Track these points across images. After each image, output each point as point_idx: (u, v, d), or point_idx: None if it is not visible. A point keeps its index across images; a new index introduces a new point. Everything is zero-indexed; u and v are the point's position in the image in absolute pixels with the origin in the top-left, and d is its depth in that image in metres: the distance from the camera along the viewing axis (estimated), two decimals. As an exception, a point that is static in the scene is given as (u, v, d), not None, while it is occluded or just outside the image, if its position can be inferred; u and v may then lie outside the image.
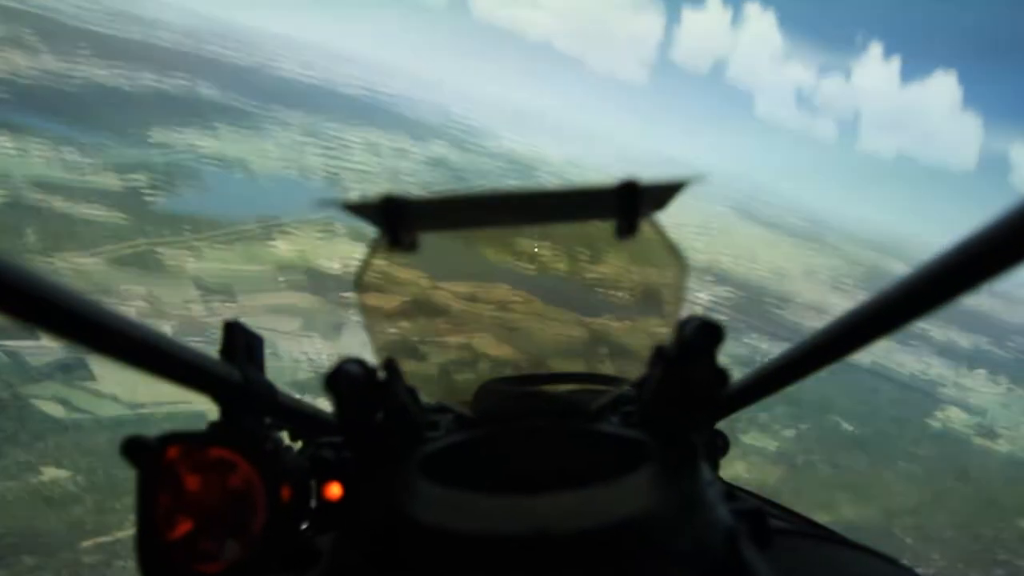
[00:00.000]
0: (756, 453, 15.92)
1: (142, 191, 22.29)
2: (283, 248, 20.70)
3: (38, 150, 22.36)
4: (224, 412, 0.63)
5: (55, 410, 10.67)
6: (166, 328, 14.12)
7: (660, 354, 0.60)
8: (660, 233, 0.58)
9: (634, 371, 0.73)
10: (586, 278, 0.82)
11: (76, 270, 15.03)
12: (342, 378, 0.55)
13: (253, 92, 47.51)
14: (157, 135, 28.98)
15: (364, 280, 0.61)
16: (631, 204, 0.55)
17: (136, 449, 0.58)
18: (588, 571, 0.49)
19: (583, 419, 0.71)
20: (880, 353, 31.98)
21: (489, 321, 0.85)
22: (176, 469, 0.59)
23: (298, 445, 0.76)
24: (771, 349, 26.60)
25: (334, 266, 19.72)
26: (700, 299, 31.25)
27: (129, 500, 0.57)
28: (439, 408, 0.75)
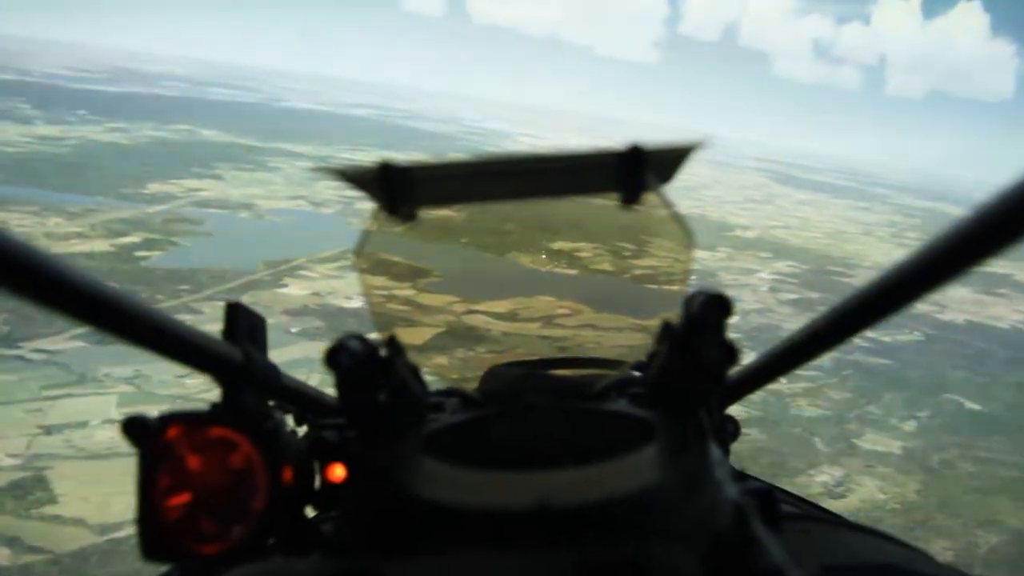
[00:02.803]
0: (883, 461, 13.16)
1: (135, 251, 20.34)
2: (295, 292, 18.51)
3: (18, 222, 20.46)
4: (226, 392, 0.59)
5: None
6: (153, 413, 12.01)
7: (667, 329, 0.60)
8: (667, 204, 0.57)
9: (641, 348, 0.73)
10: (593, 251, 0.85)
11: (50, 359, 12.96)
12: (343, 354, 0.52)
13: (258, 129, 45.79)
14: (154, 188, 27.19)
15: (364, 252, 0.60)
16: (636, 169, 0.54)
17: (137, 429, 0.56)
18: (589, 545, 0.47)
19: (588, 399, 0.70)
20: (971, 308, 29.17)
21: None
22: (177, 448, 0.57)
23: (303, 431, 0.73)
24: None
25: (352, 305, 17.44)
26: (762, 278, 28.86)
27: None
28: (447, 392, 0.73)
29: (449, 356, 0.86)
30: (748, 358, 0.65)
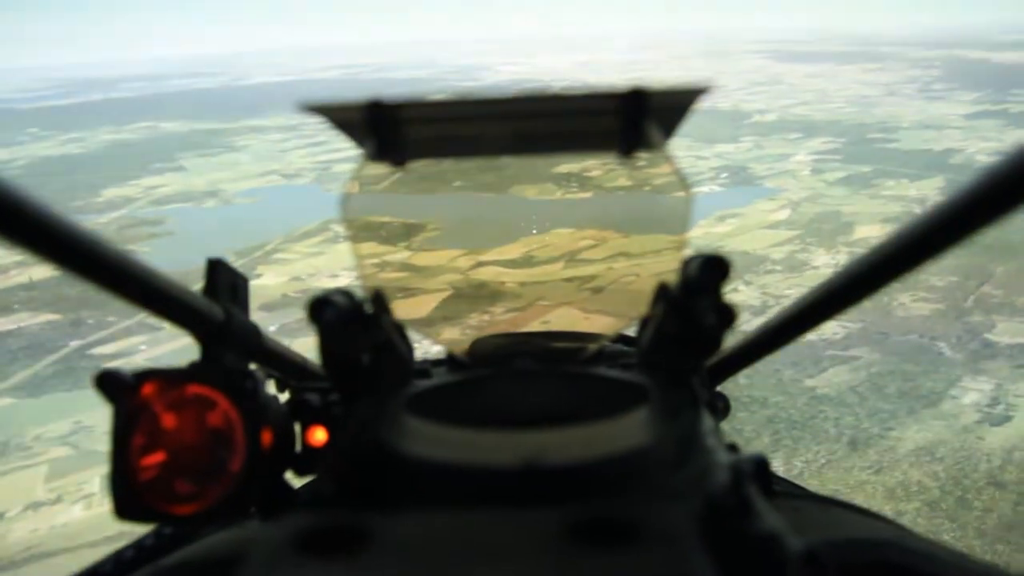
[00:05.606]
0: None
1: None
2: (271, 281, 15.80)
3: (-48, 260, 18.03)
4: (204, 351, 0.60)
5: None
6: (96, 480, 9.66)
7: (663, 293, 0.59)
8: (667, 159, 0.56)
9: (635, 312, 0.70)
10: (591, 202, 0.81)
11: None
12: (327, 308, 0.52)
13: (221, 111, 42.63)
14: (109, 194, 24.50)
15: (351, 202, 0.58)
16: (637, 116, 0.52)
17: (111, 384, 0.56)
18: (576, 504, 0.47)
19: (579, 364, 0.71)
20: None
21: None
22: (152, 406, 0.57)
23: (285, 397, 0.70)
24: (920, 194, 21.28)
25: (339, 282, 14.86)
26: (800, 161, 25.97)
27: None
28: (436, 360, 0.74)
29: (451, 321, 0.83)
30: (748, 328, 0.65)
